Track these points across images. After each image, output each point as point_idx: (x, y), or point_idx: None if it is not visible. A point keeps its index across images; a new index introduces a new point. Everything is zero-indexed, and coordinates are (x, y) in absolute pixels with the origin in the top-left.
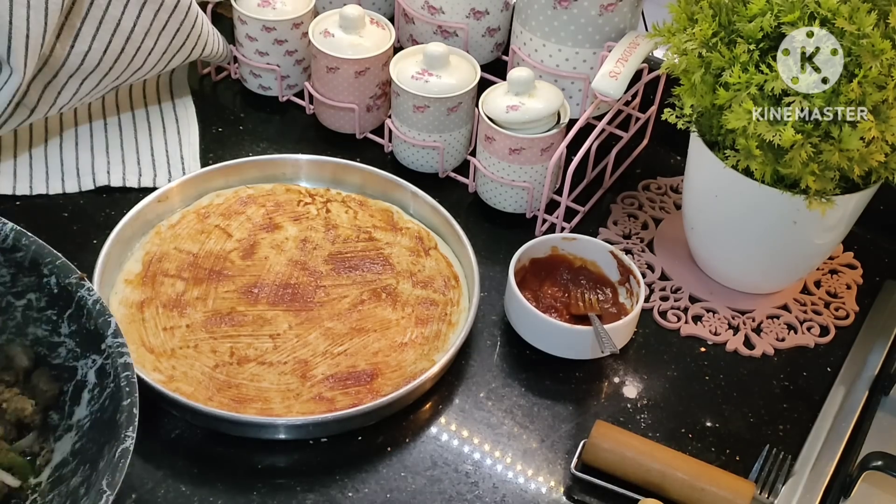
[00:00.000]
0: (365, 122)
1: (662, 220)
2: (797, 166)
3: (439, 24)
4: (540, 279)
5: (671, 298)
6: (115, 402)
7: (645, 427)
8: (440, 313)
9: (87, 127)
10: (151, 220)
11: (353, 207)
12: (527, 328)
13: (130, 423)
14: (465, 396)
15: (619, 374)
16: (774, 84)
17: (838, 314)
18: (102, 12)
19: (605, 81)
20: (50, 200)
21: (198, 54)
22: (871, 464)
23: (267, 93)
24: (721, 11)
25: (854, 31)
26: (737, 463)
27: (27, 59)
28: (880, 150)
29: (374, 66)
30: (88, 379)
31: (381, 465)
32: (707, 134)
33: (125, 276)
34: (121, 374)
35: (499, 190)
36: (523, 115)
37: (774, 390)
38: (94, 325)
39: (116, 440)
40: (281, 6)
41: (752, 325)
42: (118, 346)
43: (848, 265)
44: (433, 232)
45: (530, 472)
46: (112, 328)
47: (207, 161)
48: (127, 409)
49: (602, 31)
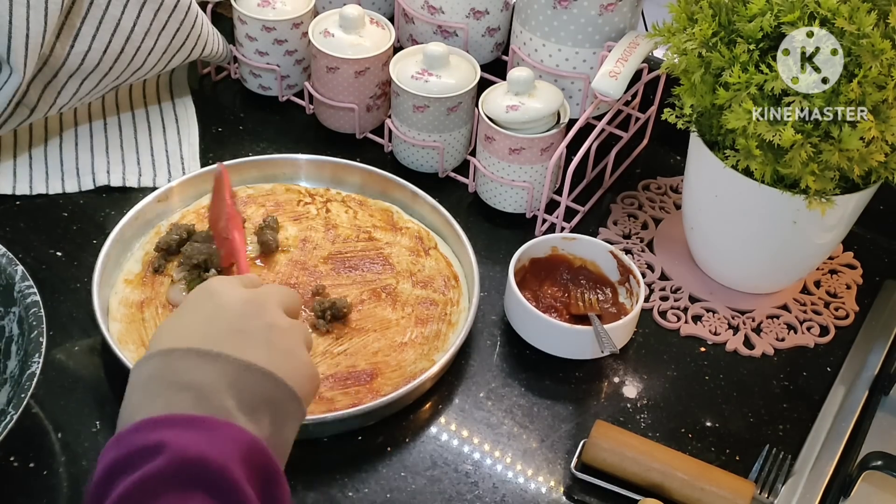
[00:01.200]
0: (365, 121)
1: (662, 219)
2: (797, 166)
3: (439, 23)
4: (540, 279)
5: (671, 298)
6: (28, 342)
7: (645, 427)
8: (440, 313)
9: (86, 127)
10: (151, 219)
11: (352, 207)
12: (527, 328)
13: (37, 350)
14: (465, 396)
15: (619, 373)
16: (774, 84)
17: (838, 314)
18: (102, 12)
19: (605, 81)
20: (50, 200)
21: (198, 54)
22: (870, 464)
23: (267, 93)
24: (721, 11)
25: (854, 31)
26: (737, 463)
27: (27, 58)
28: (880, 150)
29: (374, 66)
30: (13, 332)
31: (381, 465)
32: (707, 134)
33: (125, 276)
34: (29, 311)
35: (499, 190)
36: (523, 115)
37: (774, 390)
38: (7, 280)
39: (27, 368)
40: (281, 6)
41: (752, 325)
42: (26, 287)
43: (848, 265)
44: (433, 232)
45: (530, 471)
46: (19, 274)
47: (207, 161)
48: (34, 339)
49: (602, 31)
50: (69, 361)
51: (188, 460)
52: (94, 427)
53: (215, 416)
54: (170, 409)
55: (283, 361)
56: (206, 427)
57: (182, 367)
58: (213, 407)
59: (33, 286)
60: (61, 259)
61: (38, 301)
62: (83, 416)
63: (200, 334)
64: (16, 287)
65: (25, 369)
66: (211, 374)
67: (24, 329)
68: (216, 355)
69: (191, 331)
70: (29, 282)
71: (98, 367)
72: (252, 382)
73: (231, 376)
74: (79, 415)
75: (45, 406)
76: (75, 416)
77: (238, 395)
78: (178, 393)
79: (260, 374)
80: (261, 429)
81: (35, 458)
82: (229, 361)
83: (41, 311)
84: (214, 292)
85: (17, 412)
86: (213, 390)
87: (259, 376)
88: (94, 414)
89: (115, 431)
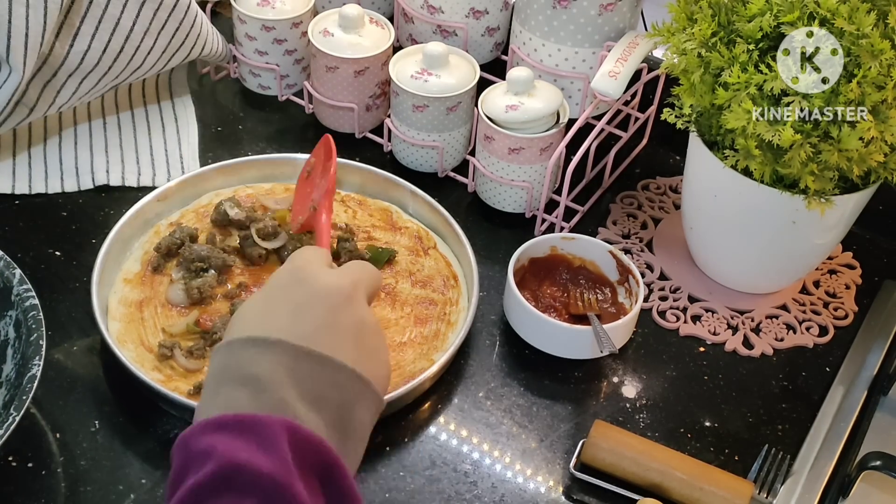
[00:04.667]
0: (364, 121)
1: (661, 219)
2: (796, 166)
3: (439, 23)
4: (539, 279)
5: (670, 298)
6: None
7: (644, 427)
8: (439, 313)
9: (86, 126)
10: (151, 219)
11: (352, 207)
12: (526, 328)
13: (37, 353)
14: (464, 396)
15: (618, 373)
16: (774, 84)
17: (837, 314)
18: (102, 11)
19: (605, 81)
20: (49, 200)
21: (197, 53)
22: (869, 464)
23: (266, 92)
24: (720, 11)
25: (853, 31)
26: (735, 463)
27: (26, 57)
28: (879, 151)
29: (374, 66)
30: (9, 335)
31: (380, 465)
32: (706, 134)
33: (124, 276)
34: (28, 315)
35: (498, 189)
36: (522, 115)
37: (773, 390)
38: (4, 283)
39: (27, 371)
40: (280, 5)
41: (751, 325)
42: (24, 291)
43: (847, 265)
44: (432, 231)
45: (529, 471)
46: (17, 277)
47: (206, 160)
48: (34, 342)
49: (601, 31)
50: (68, 361)
51: (237, 466)
52: (93, 427)
53: (271, 413)
54: (227, 407)
55: (368, 360)
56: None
57: (245, 358)
58: (273, 401)
59: (31, 289)
60: (60, 258)
61: (36, 304)
62: (82, 415)
63: (288, 325)
64: (14, 290)
65: (24, 372)
66: (271, 364)
67: (21, 332)
68: (285, 346)
69: (279, 320)
70: (27, 285)
71: (97, 366)
72: (325, 375)
73: (299, 368)
74: (77, 414)
75: (44, 406)
76: (74, 416)
77: (305, 387)
78: (238, 389)
79: (332, 368)
80: (324, 419)
81: (33, 458)
82: (301, 353)
83: (40, 314)
84: (305, 277)
85: (18, 414)
86: (272, 381)
87: (332, 370)
88: (93, 413)
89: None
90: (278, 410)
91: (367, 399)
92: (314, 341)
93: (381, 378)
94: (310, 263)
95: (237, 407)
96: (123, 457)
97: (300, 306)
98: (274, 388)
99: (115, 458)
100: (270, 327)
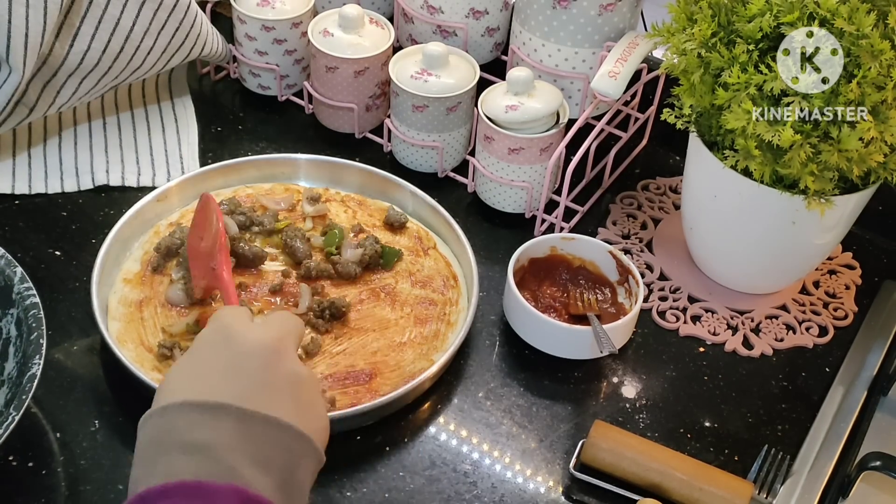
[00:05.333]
0: (364, 121)
1: (661, 220)
2: (796, 166)
3: (438, 23)
4: (539, 279)
5: (670, 298)
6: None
7: (644, 427)
8: (439, 313)
9: (86, 126)
10: (150, 219)
11: (351, 207)
12: (526, 328)
13: (37, 352)
14: (464, 396)
15: (618, 374)
16: (774, 84)
17: (837, 314)
18: (102, 11)
19: (605, 81)
20: (49, 200)
21: (197, 53)
22: (869, 464)
23: (266, 92)
24: (720, 11)
25: (853, 32)
26: (735, 463)
27: (26, 57)
28: (879, 151)
29: (374, 66)
30: (11, 333)
31: (380, 465)
32: (706, 134)
33: (124, 276)
34: (29, 313)
35: (498, 190)
36: (522, 115)
37: (773, 390)
38: (5, 281)
39: (27, 370)
40: (280, 6)
41: (751, 326)
42: (25, 290)
43: (847, 265)
44: (432, 231)
45: (529, 471)
46: (18, 276)
47: (206, 160)
48: (35, 341)
49: (601, 31)
50: (68, 361)
51: None
52: (93, 426)
53: (219, 480)
54: (169, 476)
55: (306, 415)
56: (208, 495)
57: (184, 424)
58: (221, 467)
59: (32, 288)
60: (60, 258)
61: (37, 303)
62: (82, 415)
63: (224, 387)
64: (14, 289)
65: (25, 371)
66: (215, 428)
67: (22, 331)
68: (228, 408)
69: (213, 381)
70: (28, 283)
71: (97, 366)
72: (270, 436)
73: (246, 430)
74: (77, 414)
75: (44, 405)
76: (74, 416)
77: (252, 449)
78: (180, 456)
79: (277, 427)
80: (272, 481)
81: (33, 458)
82: (247, 415)
83: (41, 312)
84: (232, 336)
85: (18, 413)
86: (218, 447)
87: (277, 429)
88: (93, 413)
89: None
90: (227, 477)
91: (309, 457)
92: (254, 401)
93: (320, 431)
94: (234, 321)
95: (181, 475)
96: (123, 456)
97: (231, 366)
98: (221, 454)
99: (114, 458)
100: (205, 390)
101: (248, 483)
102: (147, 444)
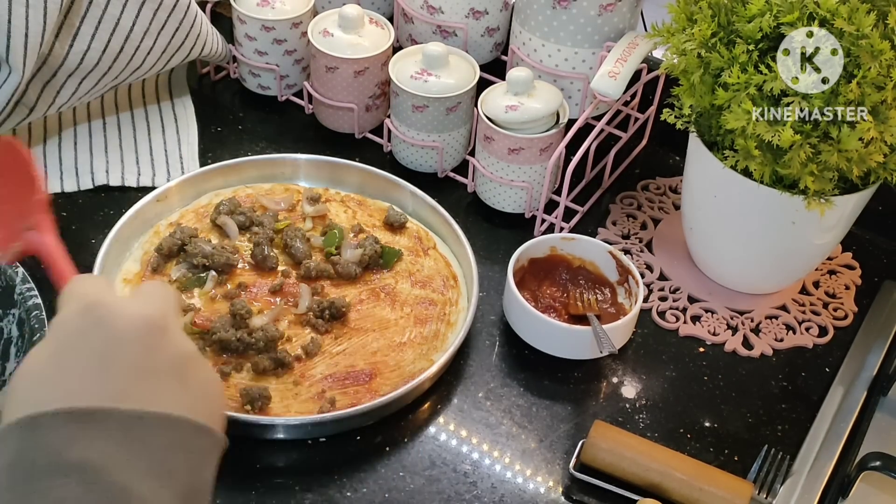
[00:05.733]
0: (364, 121)
1: (661, 220)
2: (796, 167)
3: (438, 23)
4: (539, 279)
5: (670, 299)
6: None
7: (643, 427)
8: (439, 313)
9: (85, 126)
10: (150, 219)
11: (351, 207)
12: (525, 328)
13: None
14: (464, 396)
15: (618, 374)
16: (773, 84)
17: (837, 314)
18: (101, 11)
19: (604, 81)
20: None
21: (197, 54)
22: (869, 464)
23: (266, 92)
24: (720, 12)
25: (853, 32)
26: (735, 463)
27: (26, 58)
28: (879, 151)
29: (374, 66)
30: (12, 334)
31: (380, 465)
32: (706, 134)
33: (124, 276)
34: (31, 314)
35: (498, 190)
36: (522, 115)
37: (773, 390)
38: (6, 282)
39: None
40: (280, 6)
41: (751, 326)
42: (27, 290)
43: (846, 265)
44: (432, 232)
45: (529, 471)
46: (20, 276)
47: (206, 160)
48: (37, 342)
49: (601, 31)
50: None
51: None
52: None
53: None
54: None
55: (201, 400)
56: None
57: (59, 439)
58: (111, 490)
59: (34, 288)
60: None
61: (39, 304)
62: None
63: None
64: (16, 289)
65: None
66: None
67: (24, 331)
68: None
69: (86, 379)
70: (30, 284)
71: None
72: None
73: (134, 437)
74: None
75: None
76: None
77: (145, 459)
78: (59, 479)
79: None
80: (173, 491)
81: None
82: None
83: (43, 313)
84: (103, 317)
85: None
86: (105, 465)
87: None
88: None
89: None
90: (119, 500)
91: (211, 450)
92: (138, 398)
93: (218, 413)
94: (102, 296)
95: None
96: None
97: (106, 356)
98: (109, 473)
99: None
100: (78, 392)
101: (146, 501)
102: (13, 466)
